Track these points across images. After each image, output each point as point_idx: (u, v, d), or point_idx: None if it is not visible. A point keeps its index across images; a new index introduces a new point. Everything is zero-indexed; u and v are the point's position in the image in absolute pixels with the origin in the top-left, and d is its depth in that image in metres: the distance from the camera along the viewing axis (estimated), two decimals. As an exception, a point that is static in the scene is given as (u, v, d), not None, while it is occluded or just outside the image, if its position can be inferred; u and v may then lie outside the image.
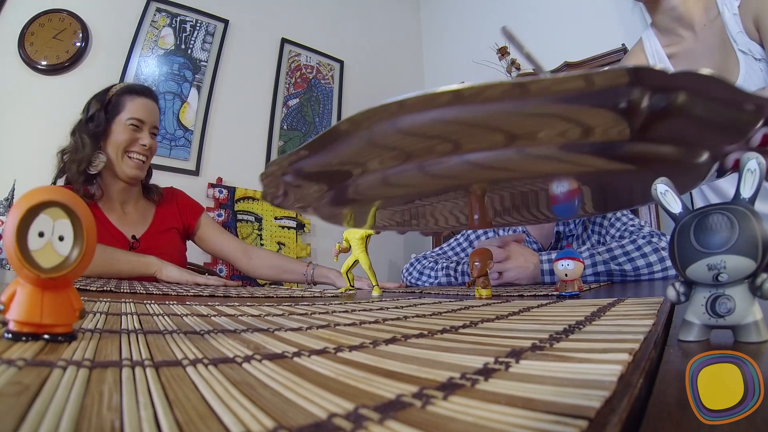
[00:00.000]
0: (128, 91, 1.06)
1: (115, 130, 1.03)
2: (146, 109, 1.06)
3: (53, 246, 0.18)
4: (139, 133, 1.05)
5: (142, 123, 1.05)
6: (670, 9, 0.83)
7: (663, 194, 0.25)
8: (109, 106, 1.04)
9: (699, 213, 0.22)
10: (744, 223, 0.21)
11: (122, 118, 1.03)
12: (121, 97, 1.05)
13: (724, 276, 0.21)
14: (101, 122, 1.02)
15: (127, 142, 1.03)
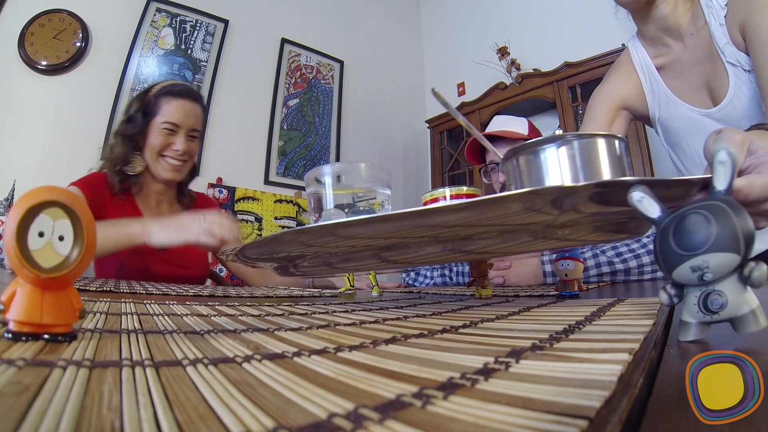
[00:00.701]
0: (166, 92, 1.03)
1: (150, 132, 1.01)
2: (182, 111, 1.02)
3: (53, 246, 0.18)
4: (174, 137, 1.01)
5: (176, 127, 1.01)
6: (659, 19, 0.79)
7: (639, 201, 0.24)
8: (148, 107, 1.01)
9: (677, 215, 0.22)
10: (721, 219, 0.20)
11: (157, 122, 1.00)
12: (159, 98, 1.01)
13: (708, 275, 0.21)
14: (138, 124, 1.00)
15: (161, 146, 1.00)
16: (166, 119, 1.00)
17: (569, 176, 0.34)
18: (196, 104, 1.05)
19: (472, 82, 2.72)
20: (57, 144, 1.70)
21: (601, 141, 0.35)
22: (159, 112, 1.00)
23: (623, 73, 0.90)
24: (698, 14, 0.77)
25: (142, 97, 1.03)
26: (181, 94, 1.03)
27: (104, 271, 1.02)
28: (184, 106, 1.02)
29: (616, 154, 0.35)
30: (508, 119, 1.19)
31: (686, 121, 0.83)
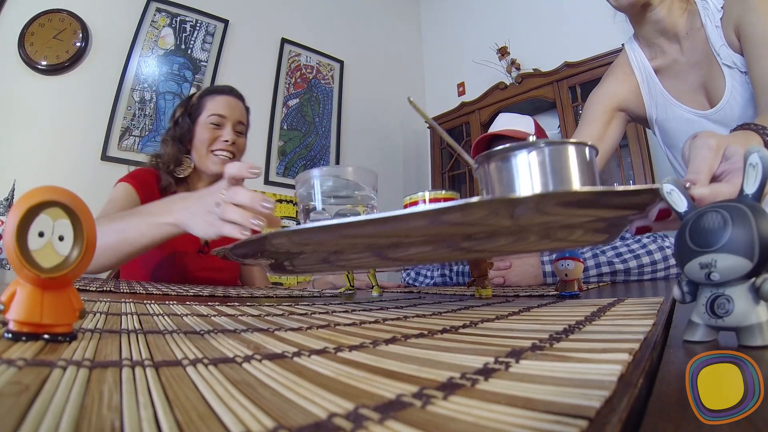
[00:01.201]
0: (209, 92, 1.06)
1: (197, 131, 1.02)
2: (227, 104, 1.04)
3: (53, 246, 0.18)
4: (221, 130, 1.02)
5: (223, 118, 1.02)
6: (655, 21, 0.80)
7: (669, 194, 0.25)
8: (192, 109, 1.04)
9: (699, 211, 0.22)
10: (739, 222, 0.20)
11: (203, 118, 1.02)
12: (202, 99, 1.04)
13: (715, 275, 0.21)
14: (185, 125, 1.02)
15: (210, 140, 1.01)
16: (212, 112, 1.02)
17: (539, 182, 0.35)
18: (239, 101, 1.08)
19: (472, 82, 2.72)
20: (57, 144, 1.70)
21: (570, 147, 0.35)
22: (204, 109, 1.03)
23: (620, 74, 0.90)
24: (694, 16, 0.77)
25: (186, 102, 1.06)
26: (224, 91, 1.07)
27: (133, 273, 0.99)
28: (228, 100, 1.05)
29: (585, 160, 0.35)
30: (513, 117, 1.19)
31: (683, 123, 0.83)
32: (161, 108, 1.97)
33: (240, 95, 1.10)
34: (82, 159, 1.75)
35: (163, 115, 1.96)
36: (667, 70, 0.84)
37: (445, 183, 2.62)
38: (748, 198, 0.21)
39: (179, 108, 1.06)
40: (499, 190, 0.36)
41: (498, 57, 2.37)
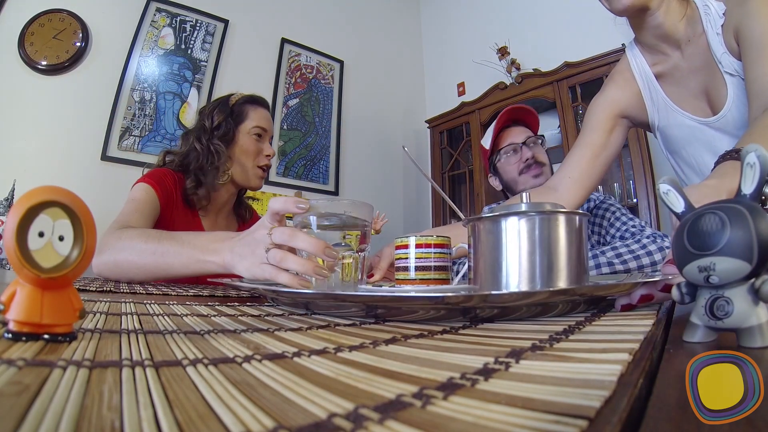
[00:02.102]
0: (250, 101, 1.06)
1: (241, 139, 1.01)
2: (267, 118, 1.06)
3: (53, 246, 0.18)
4: (262, 143, 1.04)
5: (264, 132, 1.04)
6: (654, 26, 0.78)
7: (666, 194, 0.24)
8: (233, 114, 1.02)
9: (696, 212, 0.22)
10: (737, 224, 0.20)
11: (247, 127, 1.01)
12: (244, 106, 1.04)
13: (714, 278, 0.20)
14: (230, 129, 1.00)
15: (255, 152, 1.02)
16: (256, 124, 1.02)
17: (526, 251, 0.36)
18: (269, 115, 1.10)
19: (472, 82, 2.72)
20: (57, 144, 1.70)
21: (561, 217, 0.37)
22: (247, 118, 1.02)
23: (621, 81, 0.90)
24: (696, 22, 0.76)
25: (224, 106, 1.03)
26: (263, 104, 1.07)
27: None
28: (266, 114, 1.06)
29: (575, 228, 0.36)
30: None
31: (685, 129, 0.83)
32: (161, 108, 1.97)
33: (269, 108, 1.12)
34: (82, 159, 1.75)
35: (163, 115, 1.96)
36: (668, 76, 0.83)
37: (445, 183, 2.62)
38: (746, 198, 0.21)
39: (219, 110, 1.02)
40: (488, 252, 0.38)
41: (498, 57, 2.36)
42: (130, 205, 0.89)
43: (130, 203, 0.90)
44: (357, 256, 0.46)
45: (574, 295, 0.32)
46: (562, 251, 0.36)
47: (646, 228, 0.99)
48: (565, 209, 0.37)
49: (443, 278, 0.53)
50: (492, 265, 0.38)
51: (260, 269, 0.46)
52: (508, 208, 0.38)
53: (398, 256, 0.54)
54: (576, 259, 0.37)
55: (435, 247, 0.52)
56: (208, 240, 0.62)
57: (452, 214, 2.56)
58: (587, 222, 0.39)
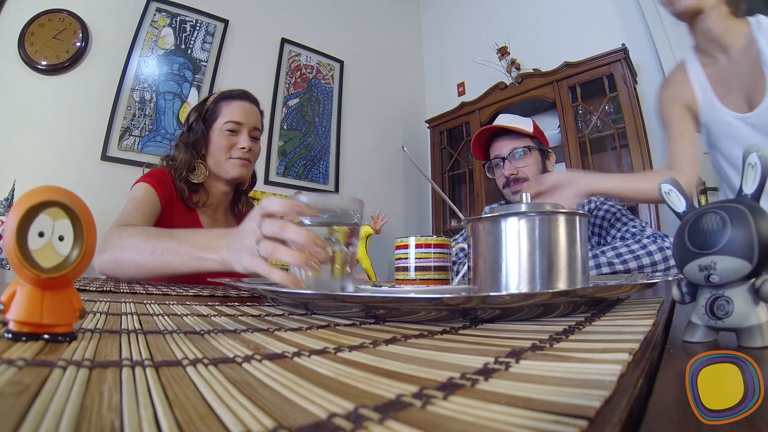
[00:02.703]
0: (224, 97, 1.04)
1: (213, 137, 1.02)
2: (243, 111, 1.03)
3: (53, 246, 0.18)
4: (237, 137, 1.02)
5: (239, 125, 1.02)
6: (704, 30, 0.90)
7: (667, 194, 0.25)
8: (207, 114, 1.02)
9: (698, 211, 0.22)
10: (738, 223, 0.20)
11: (218, 125, 1.01)
12: (218, 104, 1.03)
13: (715, 277, 0.20)
14: (199, 131, 1.01)
15: (226, 147, 1.01)
16: (228, 119, 1.01)
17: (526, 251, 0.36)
18: (254, 105, 1.07)
19: (472, 82, 2.72)
20: (57, 144, 1.70)
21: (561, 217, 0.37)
22: (220, 115, 1.01)
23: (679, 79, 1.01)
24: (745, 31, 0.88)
25: (200, 107, 1.04)
26: (240, 96, 1.05)
27: None
28: (243, 106, 1.03)
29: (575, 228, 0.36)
30: (514, 117, 1.20)
31: (723, 125, 0.93)
32: (161, 108, 1.97)
33: (255, 99, 1.09)
34: (82, 159, 1.75)
35: (163, 115, 1.96)
36: (716, 78, 0.94)
37: (445, 183, 2.62)
38: (747, 198, 0.21)
39: (193, 112, 1.04)
40: (488, 253, 0.38)
41: (498, 57, 2.36)
42: (130, 205, 0.90)
43: (131, 203, 0.90)
44: (346, 251, 0.46)
45: (575, 297, 0.32)
46: (562, 252, 0.36)
47: (646, 228, 0.99)
48: (565, 209, 0.37)
49: (443, 278, 0.53)
50: (492, 265, 0.38)
51: (253, 263, 0.46)
52: (508, 209, 0.38)
53: (398, 256, 0.55)
54: (576, 260, 0.37)
55: (435, 247, 0.52)
56: (207, 238, 0.62)
57: (452, 214, 2.56)
58: (588, 223, 0.39)
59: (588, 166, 1.97)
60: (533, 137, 1.14)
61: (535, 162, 1.12)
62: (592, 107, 2.00)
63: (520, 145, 1.12)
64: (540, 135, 1.17)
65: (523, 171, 1.11)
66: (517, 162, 1.12)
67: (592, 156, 1.97)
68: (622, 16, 2.11)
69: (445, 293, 0.29)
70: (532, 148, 1.12)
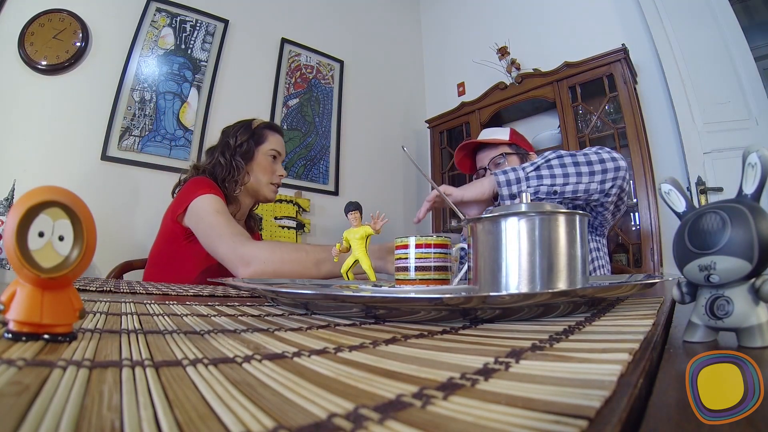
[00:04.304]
0: (269, 127, 1.22)
1: (259, 157, 1.17)
2: (282, 145, 1.23)
3: (53, 246, 0.18)
4: (276, 165, 1.20)
5: (279, 155, 1.20)
6: None
7: (667, 193, 0.25)
8: (255, 135, 1.17)
9: (698, 211, 0.22)
10: (738, 223, 0.20)
11: (265, 148, 1.17)
12: (264, 130, 1.19)
13: (715, 277, 0.20)
14: (251, 148, 1.15)
15: (270, 171, 1.18)
16: (274, 147, 1.19)
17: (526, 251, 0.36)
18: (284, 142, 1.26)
19: (472, 82, 2.72)
20: (57, 144, 1.70)
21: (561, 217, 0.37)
22: (266, 141, 1.18)
23: None
24: None
25: (248, 127, 1.19)
26: (280, 131, 1.25)
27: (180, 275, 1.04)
28: (282, 141, 1.24)
29: (575, 228, 0.36)
30: (493, 130, 1.28)
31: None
32: (161, 108, 1.97)
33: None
34: (82, 159, 1.75)
35: (163, 115, 1.96)
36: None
37: (445, 183, 2.62)
38: (747, 198, 0.21)
39: (243, 131, 1.17)
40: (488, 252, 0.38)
41: (498, 57, 2.36)
42: (221, 218, 0.96)
43: (220, 215, 0.98)
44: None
45: (575, 297, 0.32)
46: (562, 252, 0.36)
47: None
48: (565, 209, 0.37)
49: (443, 278, 0.53)
50: (492, 265, 0.38)
51: None
52: (507, 209, 0.38)
53: (398, 256, 0.54)
54: (576, 260, 0.37)
55: (435, 247, 0.52)
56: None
57: (452, 214, 2.56)
58: (587, 222, 0.39)
59: (588, 166, 1.96)
60: (511, 144, 1.20)
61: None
62: (592, 107, 2.00)
63: (497, 153, 1.19)
64: (518, 140, 1.22)
65: None
66: (498, 170, 1.17)
67: (592, 156, 1.97)
68: (622, 16, 2.11)
69: (445, 293, 0.29)
70: (507, 154, 1.18)
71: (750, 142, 0.88)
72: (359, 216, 0.80)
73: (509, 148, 1.19)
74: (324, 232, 2.39)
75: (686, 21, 1.82)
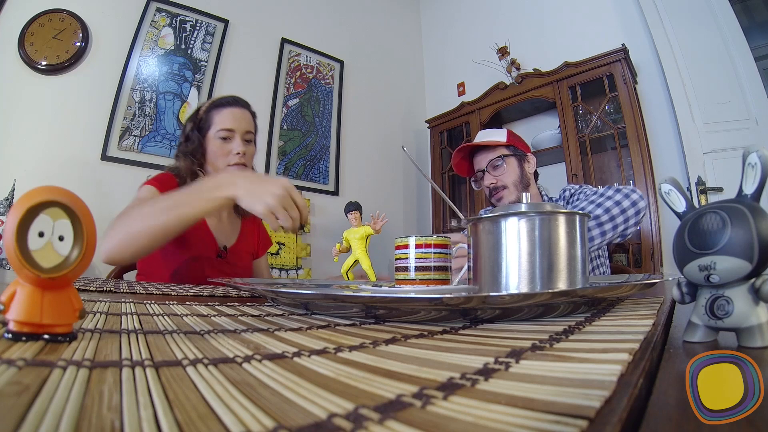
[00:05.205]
0: (214, 105, 1.07)
1: (208, 146, 1.05)
2: (233, 117, 1.06)
3: (53, 246, 0.18)
4: (231, 143, 1.05)
5: (231, 132, 1.05)
6: None
7: (667, 193, 0.25)
8: (201, 123, 1.06)
9: (698, 212, 0.22)
10: (738, 223, 0.20)
11: (212, 132, 1.04)
12: (209, 112, 1.06)
13: (715, 277, 0.20)
14: (196, 140, 1.04)
15: (222, 154, 1.04)
16: (220, 127, 1.04)
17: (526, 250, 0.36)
18: (245, 110, 1.09)
19: (472, 81, 2.72)
20: (57, 144, 1.70)
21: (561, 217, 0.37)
22: (212, 124, 1.05)
23: None
24: None
25: (193, 117, 1.08)
26: (229, 102, 1.08)
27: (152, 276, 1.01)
28: (233, 112, 1.07)
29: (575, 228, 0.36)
30: (490, 132, 1.28)
31: None
32: (161, 108, 1.97)
33: (245, 103, 1.11)
34: (82, 159, 1.75)
35: (163, 115, 1.96)
36: None
37: (445, 183, 2.62)
38: (747, 198, 0.21)
39: (188, 122, 1.07)
40: (488, 253, 0.38)
41: (498, 57, 2.36)
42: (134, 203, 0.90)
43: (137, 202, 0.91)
44: None
45: (575, 297, 0.32)
46: (562, 252, 0.36)
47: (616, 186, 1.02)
48: (565, 210, 0.37)
49: (443, 278, 0.53)
50: (492, 265, 0.38)
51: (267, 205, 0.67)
52: (507, 209, 0.38)
53: (398, 256, 0.54)
54: (576, 260, 0.37)
55: (435, 247, 0.52)
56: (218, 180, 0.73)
57: (452, 214, 2.56)
58: (587, 222, 0.39)
59: (588, 166, 1.97)
60: (508, 146, 1.20)
61: (512, 169, 1.19)
62: (592, 107, 2.00)
63: (495, 155, 1.19)
64: (516, 142, 1.22)
65: (501, 179, 1.18)
66: (496, 172, 1.19)
67: (591, 156, 1.97)
68: (622, 16, 2.11)
69: (445, 293, 0.29)
70: (506, 156, 1.19)
71: (750, 142, 0.89)
72: (359, 216, 0.80)
73: (507, 149, 1.19)
74: (324, 232, 2.39)
75: (686, 21, 1.82)
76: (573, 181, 1.94)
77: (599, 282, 0.50)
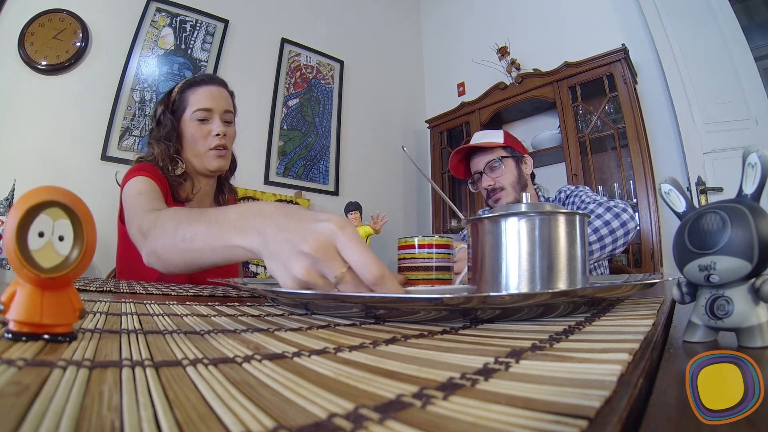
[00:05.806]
0: (189, 85, 0.99)
1: (185, 129, 0.96)
2: (210, 95, 0.97)
3: (53, 246, 0.18)
4: (209, 124, 0.97)
5: (209, 112, 0.96)
6: None
7: (667, 193, 0.25)
8: (174, 105, 0.98)
9: (698, 211, 0.22)
10: (738, 223, 0.20)
11: (188, 114, 0.96)
12: (183, 93, 0.98)
13: (715, 277, 0.20)
14: (168, 123, 0.96)
15: (201, 137, 0.96)
16: (197, 107, 0.95)
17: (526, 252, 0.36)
18: (222, 87, 1.02)
19: (472, 82, 2.72)
20: (57, 144, 1.70)
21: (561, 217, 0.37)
22: (188, 105, 0.96)
23: None
24: None
25: (166, 99, 1.00)
26: (205, 81, 1.00)
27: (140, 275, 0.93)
28: (210, 90, 0.98)
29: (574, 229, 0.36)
30: (486, 133, 1.28)
31: None
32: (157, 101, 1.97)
33: (222, 81, 1.04)
34: (82, 159, 1.75)
35: (163, 115, 1.97)
36: None
37: (445, 183, 2.62)
38: (747, 198, 0.21)
39: (159, 105, 0.99)
40: (489, 253, 0.38)
41: (498, 57, 2.36)
42: (140, 198, 0.80)
43: (141, 195, 0.81)
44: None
45: (575, 297, 0.32)
46: (562, 252, 0.36)
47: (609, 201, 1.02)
48: (565, 210, 0.37)
49: (444, 278, 0.53)
50: (492, 265, 0.38)
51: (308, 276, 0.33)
52: (507, 209, 0.38)
53: (401, 256, 0.55)
54: (576, 260, 0.37)
55: (437, 248, 0.52)
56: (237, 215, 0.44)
57: (452, 214, 2.56)
58: (587, 222, 0.39)
59: (588, 166, 1.97)
60: (505, 147, 1.20)
61: (509, 170, 1.19)
62: (592, 107, 2.00)
63: (493, 157, 1.19)
64: (513, 143, 1.22)
65: (499, 181, 1.18)
66: (493, 174, 1.19)
67: (591, 156, 1.97)
68: (622, 16, 2.11)
69: (445, 293, 0.29)
70: (504, 158, 1.19)
71: (750, 142, 0.89)
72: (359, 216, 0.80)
73: (504, 151, 1.20)
74: (324, 232, 2.38)
75: (686, 21, 1.82)
76: (573, 181, 1.94)
77: (599, 282, 0.50)
